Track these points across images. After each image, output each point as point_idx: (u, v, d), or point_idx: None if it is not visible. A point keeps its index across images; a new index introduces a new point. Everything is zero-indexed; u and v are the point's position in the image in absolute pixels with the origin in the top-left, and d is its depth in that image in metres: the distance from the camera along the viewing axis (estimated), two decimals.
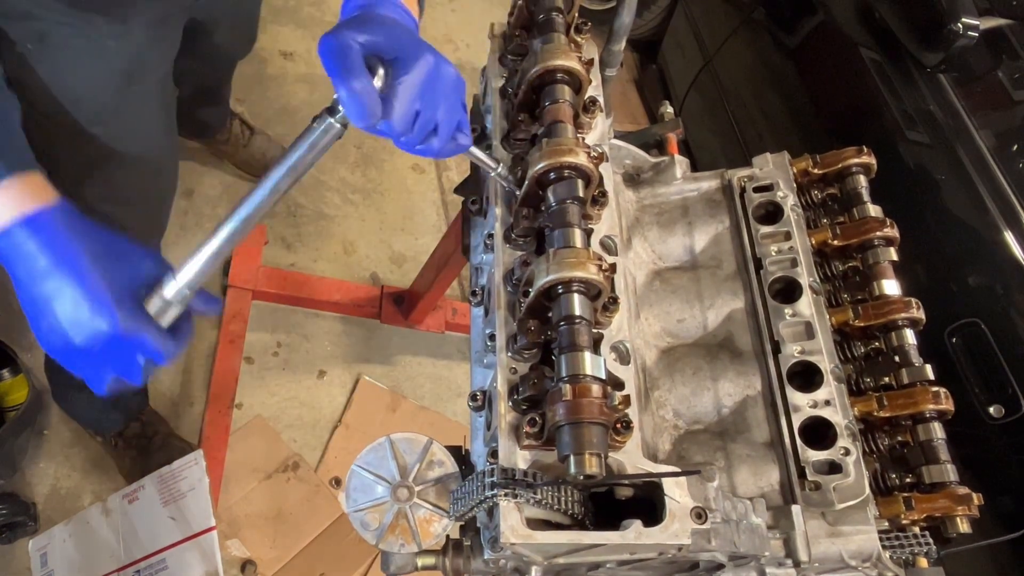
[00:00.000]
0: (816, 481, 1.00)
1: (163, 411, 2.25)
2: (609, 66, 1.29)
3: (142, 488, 1.97)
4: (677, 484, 0.88)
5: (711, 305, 1.20)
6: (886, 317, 1.13)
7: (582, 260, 0.90)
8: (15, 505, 1.97)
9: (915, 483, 1.06)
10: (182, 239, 2.54)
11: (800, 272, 1.15)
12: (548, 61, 1.05)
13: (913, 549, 1.01)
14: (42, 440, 2.13)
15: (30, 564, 1.94)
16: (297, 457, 2.32)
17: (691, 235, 1.27)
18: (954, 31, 2.07)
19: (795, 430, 1.04)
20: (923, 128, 2.17)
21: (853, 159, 1.27)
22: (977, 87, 2.24)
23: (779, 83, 2.79)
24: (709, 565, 0.96)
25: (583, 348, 0.88)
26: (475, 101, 1.30)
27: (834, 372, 1.09)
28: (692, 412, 1.13)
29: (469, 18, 3.66)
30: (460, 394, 2.63)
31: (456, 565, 0.97)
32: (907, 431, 1.09)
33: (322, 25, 3.24)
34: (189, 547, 1.89)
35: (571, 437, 0.81)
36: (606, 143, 1.17)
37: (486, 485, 0.85)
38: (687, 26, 3.39)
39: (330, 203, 2.82)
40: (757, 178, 1.26)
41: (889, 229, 1.20)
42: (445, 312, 2.65)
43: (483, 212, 1.16)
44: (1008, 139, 2.11)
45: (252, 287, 2.43)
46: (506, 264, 1.03)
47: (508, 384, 0.94)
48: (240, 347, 2.37)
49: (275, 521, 2.21)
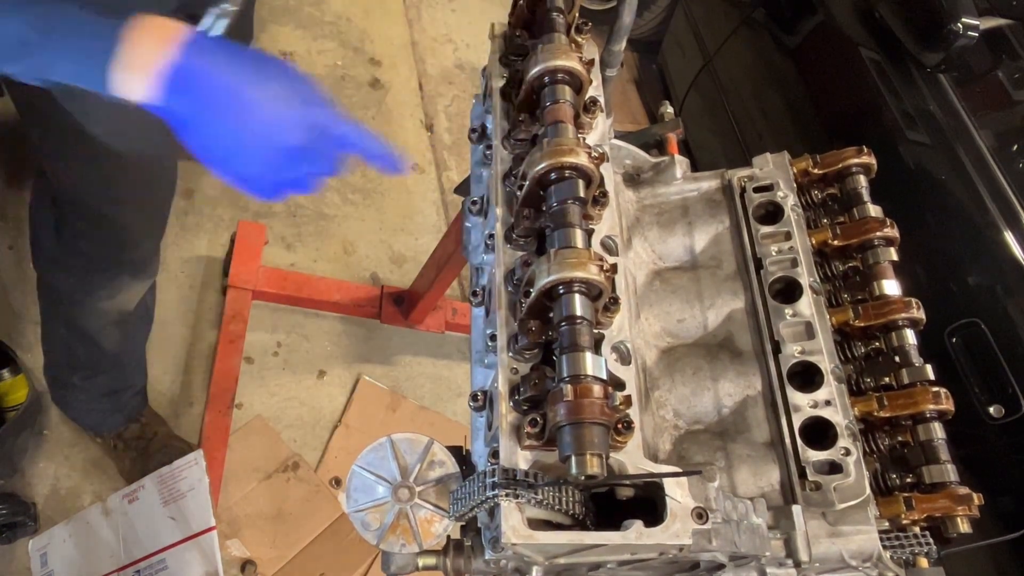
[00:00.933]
0: (816, 481, 1.00)
1: (163, 411, 2.25)
2: (609, 66, 1.29)
3: (142, 488, 1.97)
4: (678, 484, 0.88)
5: (711, 305, 1.20)
6: (886, 317, 1.13)
7: (583, 260, 0.90)
8: (15, 505, 1.97)
9: (915, 483, 1.06)
10: (182, 239, 2.54)
11: (800, 272, 1.15)
12: (549, 61, 1.05)
13: (913, 549, 1.02)
14: (42, 440, 2.13)
15: (30, 564, 1.94)
16: (297, 457, 2.32)
17: (691, 235, 1.27)
18: (954, 31, 2.08)
19: (795, 430, 1.04)
20: (923, 128, 2.17)
21: (853, 159, 1.27)
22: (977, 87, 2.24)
23: (779, 83, 2.79)
24: (710, 565, 0.96)
25: (584, 348, 0.88)
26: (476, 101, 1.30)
27: (834, 372, 1.09)
28: (692, 412, 1.13)
29: (469, 18, 3.66)
30: (460, 394, 2.63)
31: (457, 565, 0.97)
32: (907, 431, 1.09)
33: (322, 25, 3.24)
34: (189, 547, 1.89)
35: (572, 437, 0.81)
36: (606, 143, 1.17)
37: (487, 485, 0.85)
38: (687, 26, 3.39)
39: (330, 203, 2.82)
40: (757, 178, 1.26)
41: (889, 229, 1.20)
42: (445, 312, 2.65)
43: (483, 212, 1.16)
44: (1008, 139, 2.11)
45: (252, 287, 2.43)
46: (507, 264, 1.03)
47: (509, 384, 0.94)
48: (240, 347, 2.37)
49: (275, 521, 2.21)
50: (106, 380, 1.97)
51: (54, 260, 1.66)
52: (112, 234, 1.57)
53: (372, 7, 3.44)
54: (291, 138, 0.82)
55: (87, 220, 1.53)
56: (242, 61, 0.81)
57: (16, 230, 2.33)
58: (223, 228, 2.60)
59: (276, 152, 0.82)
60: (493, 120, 1.16)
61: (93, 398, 2.01)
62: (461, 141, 3.23)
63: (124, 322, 1.83)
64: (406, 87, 3.31)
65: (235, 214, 2.64)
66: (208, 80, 0.79)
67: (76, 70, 0.79)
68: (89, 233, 1.56)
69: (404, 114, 3.22)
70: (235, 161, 0.83)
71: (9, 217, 2.35)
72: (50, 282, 1.76)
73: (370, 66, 3.26)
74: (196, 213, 2.61)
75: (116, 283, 1.70)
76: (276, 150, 0.82)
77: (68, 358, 1.92)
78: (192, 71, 0.78)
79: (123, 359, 1.95)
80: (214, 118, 0.80)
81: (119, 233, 1.57)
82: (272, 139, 0.81)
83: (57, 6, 0.77)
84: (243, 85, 0.80)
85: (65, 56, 0.79)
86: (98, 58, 0.77)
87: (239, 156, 0.82)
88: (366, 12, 3.40)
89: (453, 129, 3.30)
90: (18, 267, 2.29)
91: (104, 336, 1.82)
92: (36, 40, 0.77)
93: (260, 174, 0.84)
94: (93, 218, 1.52)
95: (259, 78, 0.81)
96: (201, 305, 2.47)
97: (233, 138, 0.81)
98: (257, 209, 2.69)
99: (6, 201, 2.38)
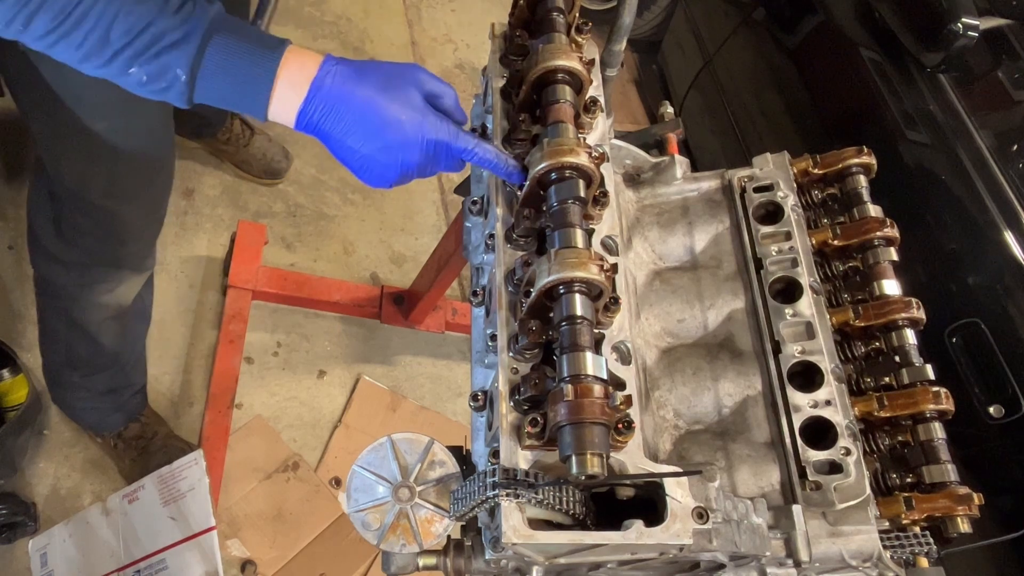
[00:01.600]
0: (817, 481, 1.00)
1: (163, 411, 2.25)
2: (610, 66, 1.29)
3: (142, 488, 1.97)
4: (678, 484, 0.88)
5: (711, 305, 1.20)
6: (886, 317, 1.13)
7: (583, 260, 0.90)
8: (15, 505, 1.97)
9: (915, 483, 1.06)
10: (182, 239, 2.54)
11: (800, 272, 1.15)
12: (549, 61, 1.05)
13: (913, 549, 1.02)
14: (42, 440, 2.13)
15: (30, 564, 1.94)
16: (297, 457, 2.32)
17: (691, 235, 1.27)
18: (954, 31, 2.08)
19: (796, 430, 1.04)
20: (923, 128, 2.17)
21: (853, 159, 1.27)
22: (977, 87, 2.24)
23: (779, 83, 2.79)
24: (710, 565, 0.96)
25: (585, 348, 0.88)
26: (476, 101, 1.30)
27: (834, 372, 1.09)
28: (693, 412, 1.13)
29: (469, 18, 3.66)
30: (460, 394, 2.63)
31: (457, 565, 0.97)
32: (907, 431, 1.09)
33: (322, 25, 3.24)
34: (189, 547, 1.89)
35: (573, 437, 0.81)
36: (607, 143, 1.17)
37: (488, 485, 0.85)
38: (687, 26, 3.39)
39: (330, 203, 2.81)
40: (757, 178, 1.26)
41: (889, 229, 1.20)
42: (445, 312, 2.65)
43: (484, 212, 1.16)
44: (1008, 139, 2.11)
45: (252, 287, 2.43)
46: (507, 264, 1.03)
47: (509, 384, 0.94)
48: (240, 347, 2.37)
49: (275, 521, 2.21)
50: (105, 378, 1.97)
51: (52, 255, 1.67)
52: (111, 228, 1.57)
53: (372, 7, 3.44)
54: (413, 157, 0.95)
55: (86, 214, 1.54)
56: (375, 83, 0.93)
57: (16, 230, 2.33)
58: (223, 228, 2.60)
59: (402, 166, 0.95)
60: (493, 120, 1.16)
61: (93, 397, 2.01)
62: None
63: (122, 317, 1.83)
64: None
65: (235, 214, 2.64)
66: (345, 107, 0.91)
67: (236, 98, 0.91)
68: (88, 227, 1.57)
69: None
70: (367, 172, 0.96)
71: (9, 217, 2.35)
72: (48, 277, 1.76)
73: None
74: (196, 213, 2.60)
75: (114, 277, 1.70)
76: (401, 165, 0.95)
77: (67, 355, 1.92)
78: (331, 100, 0.91)
79: (122, 357, 1.95)
80: (349, 140, 0.93)
81: (117, 227, 1.58)
82: (397, 158, 0.94)
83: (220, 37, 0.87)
84: (373, 112, 0.92)
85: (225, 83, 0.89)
86: (259, 87, 0.89)
87: (371, 169, 0.96)
88: (366, 12, 3.40)
89: None
90: (18, 267, 2.29)
91: (103, 332, 1.83)
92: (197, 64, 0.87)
93: (390, 180, 0.97)
94: (92, 212, 1.53)
95: (388, 98, 0.93)
96: (201, 305, 2.47)
97: (365, 155, 0.94)
98: (257, 209, 2.69)
99: (6, 201, 2.38)
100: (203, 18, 0.87)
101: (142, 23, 0.84)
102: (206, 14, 0.88)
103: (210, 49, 0.87)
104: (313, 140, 0.95)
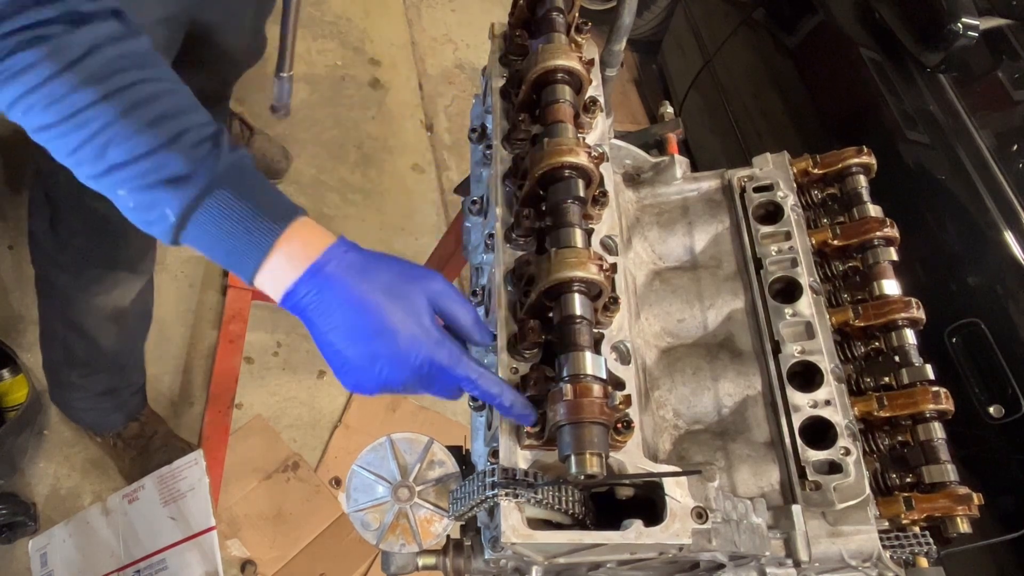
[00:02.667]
0: (816, 481, 1.00)
1: (163, 411, 2.25)
2: (609, 66, 1.29)
3: (142, 488, 1.97)
4: (678, 484, 0.88)
5: (711, 305, 1.20)
6: (886, 317, 1.13)
7: (583, 260, 0.90)
8: (15, 505, 1.97)
9: (915, 483, 1.06)
10: None
11: (800, 272, 1.15)
12: (548, 61, 1.05)
13: (913, 549, 1.02)
14: (42, 440, 2.13)
15: (30, 564, 1.94)
16: (297, 457, 2.32)
17: (691, 235, 1.27)
18: (954, 31, 2.08)
19: (795, 430, 1.04)
20: (923, 128, 2.17)
21: (853, 159, 1.27)
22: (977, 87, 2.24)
23: (779, 83, 2.79)
24: (709, 565, 0.96)
25: (584, 348, 0.88)
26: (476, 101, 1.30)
27: (834, 372, 1.09)
28: (692, 412, 1.13)
29: (469, 18, 3.66)
30: None
31: (457, 565, 0.97)
32: (907, 431, 1.09)
33: (322, 25, 3.24)
34: (189, 547, 1.89)
35: (572, 437, 0.81)
36: (606, 143, 1.17)
37: (487, 485, 0.85)
38: (687, 26, 3.39)
39: (330, 203, 2.81)
40: (757, 178, 1.26)
41: (889, 229, 1.20)
42: None
43: (483, 212, 1.16)
44: (1008, 139, 2.11)
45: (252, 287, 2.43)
46: (507, 264, 1.03)
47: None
48: (240, 347, 2.37)
49: (275, 521, 2.21)
50: (105, 378, 1.98)
51: (51, 257, 1.67)
52: (107, 231, 1.58)
53: (372, 7, 3.44)
54: (400, 375, 0.82)
55: (82, 217, 1.54)
56: (381, 282, 0.83)
57: (16, 230, 2.33)
58: None
59: (385, 381, 0.83)
60: (493, 120, 1.16)
61: (92, 396, 2.01)
62: (461, 141, 3.23)
63: (121, 318, 1.83)
64: (406, 87, 3.31)
65: None
66: (337, 301, 0.80)
67: (223, 257, 0.81)
68: (84, 230, 1.57)
69: (404, 114, 3.22)
70: (345, 375, 0.84)
71: (9, 217, 2.35)
72: (47, 278, 1.76)
73: (370, 66, 3.26)
74: None
75: (111, 279, 1.70)
76: (385, 380, 0.83)
77: (66, 356, 1.92)
78: (325, 288, 0.80)
79: (121, 356, 1.96)
80: (332, 336, 0.81)
81: (114, 230, 1.58)
82: (383, 372, 0.82)
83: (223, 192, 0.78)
84: (368, 315, 0.80)
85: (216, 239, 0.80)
86: (248, 257, 0.80)
87: (350, 373, 0.83)
88: (366, 12, 3.40)
89: (453, 129, 3.30)
90: (18, 267, 2.29)
91: (101, 332, 1.83)
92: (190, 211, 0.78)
93: (369, 391, 0.84)
94: (88, 215, 1.53)
95: (390, 303, 0.82)
96: (201, 305, 2.47)
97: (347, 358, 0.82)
98: None
99: (6, 201, 2.38)
100: (214, 165, 0.79)
101: (144, 148, 0.76)
102: (218, 162, 0.79)
103: (209, 201, 0.78)
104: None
